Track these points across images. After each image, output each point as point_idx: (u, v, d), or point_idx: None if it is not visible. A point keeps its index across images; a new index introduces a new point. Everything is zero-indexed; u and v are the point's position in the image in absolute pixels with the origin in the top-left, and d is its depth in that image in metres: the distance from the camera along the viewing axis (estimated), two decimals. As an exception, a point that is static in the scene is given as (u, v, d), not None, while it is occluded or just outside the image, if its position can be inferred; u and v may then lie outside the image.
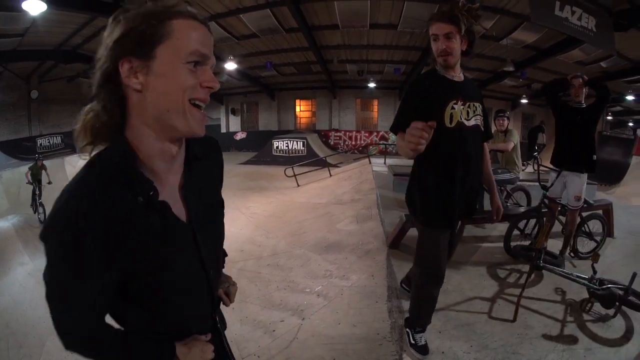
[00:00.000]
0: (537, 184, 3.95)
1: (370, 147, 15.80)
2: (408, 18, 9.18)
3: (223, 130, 19.30)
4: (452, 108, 2.02)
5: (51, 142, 14.67)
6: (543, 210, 3.88)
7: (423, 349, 2.37)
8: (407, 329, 2.46)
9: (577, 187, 3.71)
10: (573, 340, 2.62)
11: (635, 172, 12.93)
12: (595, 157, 3.74)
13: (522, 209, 4.53)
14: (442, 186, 2.12)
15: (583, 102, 3.78)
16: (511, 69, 11.10)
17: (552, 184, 3.78)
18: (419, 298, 2.41)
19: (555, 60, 11.20)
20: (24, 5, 6.27)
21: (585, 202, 3.98)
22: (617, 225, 4.72)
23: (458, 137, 2.04)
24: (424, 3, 7.99)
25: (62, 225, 0.71)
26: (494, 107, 18.24)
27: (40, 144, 14.31)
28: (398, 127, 2.00)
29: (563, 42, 9.72)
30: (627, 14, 7.24)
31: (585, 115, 3.76)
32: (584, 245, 4.02)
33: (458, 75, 2.09)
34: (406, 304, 2.76)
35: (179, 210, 0.86)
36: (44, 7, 6.36)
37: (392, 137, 17.46)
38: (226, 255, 1.20)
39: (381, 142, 16.42)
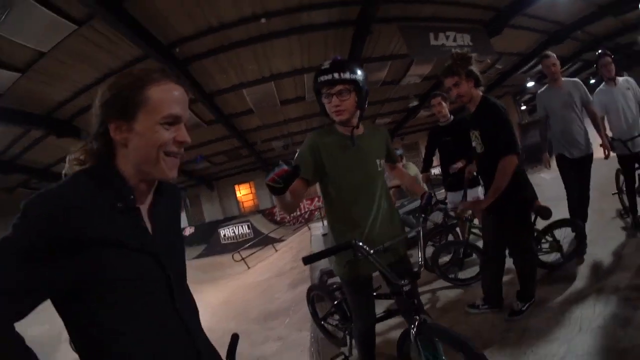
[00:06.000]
0: (440, 204, 3.98)
1: (315, 213, 15.76)
2: (312, 88, 10.08)
3: (170, 230, 18.98)
4: None
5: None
6: (451, 223, 4.02)
7: None
8: None
9: (473, 194, 3.74)
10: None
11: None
12: (475, 173, 3.45)
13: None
14: None
15: (449, 116, 3.85)
16: (415, 103, 12.18)
17: (444, 201, 3.93)
18: None
19: (455, 80, 12.38)
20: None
21: None
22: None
23: None
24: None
25: (38, 207, 0.79)
26: (420, 140, 19.42)
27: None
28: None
29: (455, 63, 10.75)
30: (497, 18, 8.48)
31: (453, 130, 3.77)
32: None
33: None
34: (325, 346, 3.03)
35: (147, 223, 0.95)
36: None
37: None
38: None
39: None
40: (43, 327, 6.12)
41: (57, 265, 0.79)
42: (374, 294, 2.10)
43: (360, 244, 1.63)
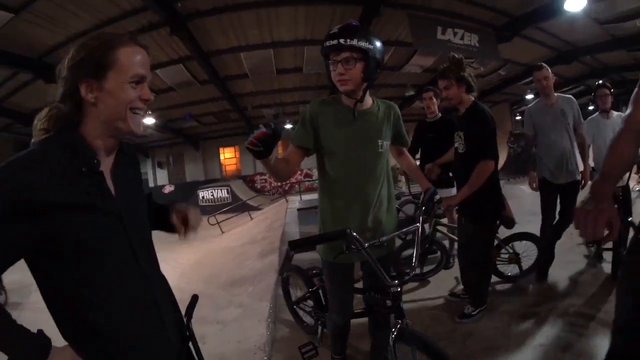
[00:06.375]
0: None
1: (296, 185, 15.73)
2: (311, 61, 9.79)
3: (151, 184, 18.47)
4: None
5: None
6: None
7: None
8: None
9: (445, 194, 3.44)
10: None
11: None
12: (450, 174, 3.59)
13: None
14: None
15: (437, 113, 3.84)
16: (412, 93, 12.15)
17: (419, 195, 3.83)
18: None
19: (457, 77, 12.30)
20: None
21: None
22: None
23: None
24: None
25: (8, 175, 0.84)
26: (410, 131, 19.47)
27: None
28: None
29: (458, 60, 10.60)
30: (509, 26, 8.31)
31: (439, 128, 3.74)
32: None
33: None
34: (283, 316, 3.18)
35: (109, 185, 1.02)
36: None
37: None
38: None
39: (306, 179, 16.85)
40: (14, 276, 6.19)
41: (26, 229, 0.85)
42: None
43: (355, 234, 1.47)
